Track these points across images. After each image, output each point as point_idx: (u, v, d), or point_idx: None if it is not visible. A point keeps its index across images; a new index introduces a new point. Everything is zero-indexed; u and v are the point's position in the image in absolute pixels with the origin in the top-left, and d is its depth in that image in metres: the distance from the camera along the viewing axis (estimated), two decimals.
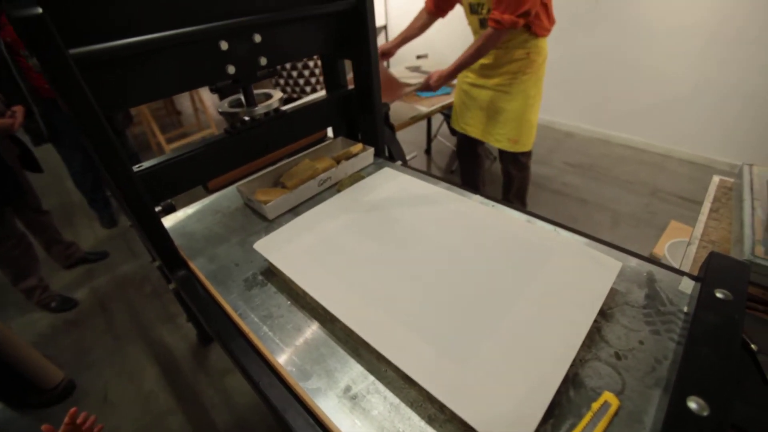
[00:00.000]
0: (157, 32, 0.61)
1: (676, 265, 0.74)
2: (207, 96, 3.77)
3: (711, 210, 1.06)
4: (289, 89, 2.68)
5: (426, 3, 1.57)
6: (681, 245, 1.73)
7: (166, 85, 0.69)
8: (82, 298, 2.02)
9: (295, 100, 2.58)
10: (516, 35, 1.42)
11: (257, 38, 0.74)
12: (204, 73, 0.72)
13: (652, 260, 0.67)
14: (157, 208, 0.93)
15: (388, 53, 1.67)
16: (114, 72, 0.62)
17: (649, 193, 2.45)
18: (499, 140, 1.68)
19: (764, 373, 0.53)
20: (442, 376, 0.45)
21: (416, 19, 1.65)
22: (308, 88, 2.68)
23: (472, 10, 1.39)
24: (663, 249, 1.84)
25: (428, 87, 1.57)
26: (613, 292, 0.61)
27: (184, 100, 4.01)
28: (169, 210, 0.95)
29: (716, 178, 1.19)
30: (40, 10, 0.48)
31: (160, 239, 0.74)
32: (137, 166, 0.74)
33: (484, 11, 1.35)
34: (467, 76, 1.67)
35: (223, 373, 1.55)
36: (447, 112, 2.29)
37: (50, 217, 2.01)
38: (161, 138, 3.34)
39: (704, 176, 2.55)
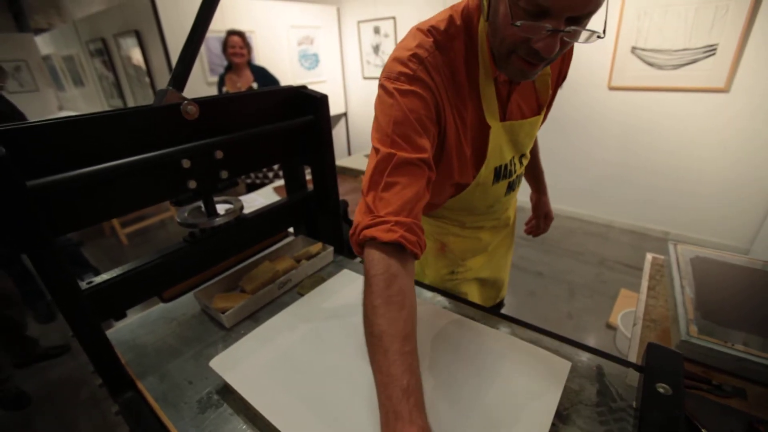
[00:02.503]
0: (122, 157, 0.64)
1: (629, 335, 0.78)
2: None
3: (649, 288, 1.15)
4: (252, 175, 2.75)
5: (411, 244, 0.57)
6: (631, 315, 1.82)
7: (125, 204, 0.70)
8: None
9: (258, 186, 2.64)
10: None
11: (219, 155, 0.79)
12: (165, 189, 0.74)
13: (601, 352, 0.71)
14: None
15: None
16: (71, 198, 0.63)
17: (598, 263, 2.62)
18: None
19: None
20: None
21: (399, 303, 0.53)
22: (271, 174, 2.76)
23: (498, 177, 0.84)
24: (617, 319, 1.93)
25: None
26: (567, 391, 0.63)
27: None
28: (119, 317, 0.91)
29: (649, 256, 1.31)
30: (3, 151, 0.51)
31: (105, 359, 0.70)
32: (87, 282, 0.72)
33: (517, 169, 0.88)
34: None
35: None
36: None
37: (20, 309, 1.89)
38: (115, 222, 3.23)
39: (642, 243, 2.78)
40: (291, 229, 1.22)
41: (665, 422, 0.53)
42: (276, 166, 2.75)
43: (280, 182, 2.63)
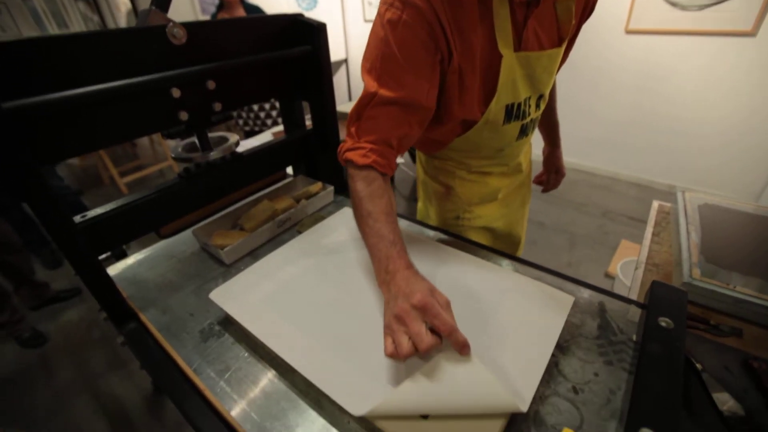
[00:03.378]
0: (104, 82, 0.60)
1: (628, 284, 0.79)
2: None
3: (653, 234, 1.14)
4: (251, 122, 2.67)
5: (381, 167, 0.66)
6: (632, 264, 1.83)
7: (112, 134, 0.67)
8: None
9: (256, 133, 2.57)
10: None
11: (211, 85, 0.74)
12: (155, 120, 0.70)
13: (603, 290, 0.71)
14: (105, 255, 0.88)
15: None
16: (54, 124, 0.59)
17: (601, 215, 2.60)
18: None
19: (709, 391, 0.56)
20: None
21: (379, 195, 0.65)
22: (269, 121, 2.68)
23: (510, 117, 0.78)
24: (616, 268, 1.95)
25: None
26: (568, 325, 0.63)
27: None
28: (120, 256, 0.90)
29: (655, 204, 1.28)
30: None
31: (105, 292, 0.70)
32: (81, 216, 0.70)
33: (532, 111, 0.81)
34: None
35: (182, 424, 1.45)
36: None
37: (23, 256, 1.90)
38: (114, 171, 3.20)
39: (648, 196, 2.75)
40: (290, 171, 1.19)
41: (667, 353, 0.53)
42: (274, 113, 2.66)
43: (279, 128, 2.55)
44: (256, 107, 2.62)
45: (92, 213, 0.71)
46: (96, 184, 3.44)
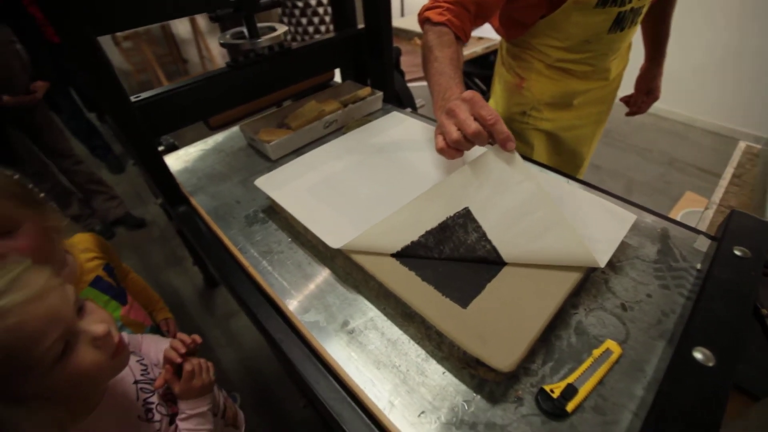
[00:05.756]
0: None
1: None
2: (214, 45, 3.64)
3: (733, 175, 1.02)
4: (297, 36, 2.57)
5: (454, 27, 0.68)
6: (695, 215, 1.68)
7: (162, 10, 0.65)
8: None
9: None
10: None
11: None
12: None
13: (668, 218, 0.65)
14: (160, 148, 0.91)
15: None
16: None
17: (666, 163, 2.37)
18: None
19: None
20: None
21: (447, 45, 0.68)
22: (317, 36, 2.56)
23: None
24: (677, 217, 1.80)
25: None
26: (624, 246, 0.59)
27: (190, 48, 3.88)
28: (172, 149, 0.93)
29: (742, 144, 1.13)
30: None
31: (161, 174, 0.72)
32: (135, 96, 0.71)
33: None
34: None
35: (229, 316, 1.59)
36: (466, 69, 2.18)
37: (86, 166, 1.94)
38: (166, 84, 3.26)
39: (727, 148, 2.45)
40: (338, 79, 1.14)
41: (737, 280, 0.48)
42: (323, 28, 2.52)
43: None
44: (304, 20, 2.50)
45: (145, 94, 0.72)
46: None
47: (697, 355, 0.40)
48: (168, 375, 0.56)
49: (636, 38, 0.92)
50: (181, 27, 3.81)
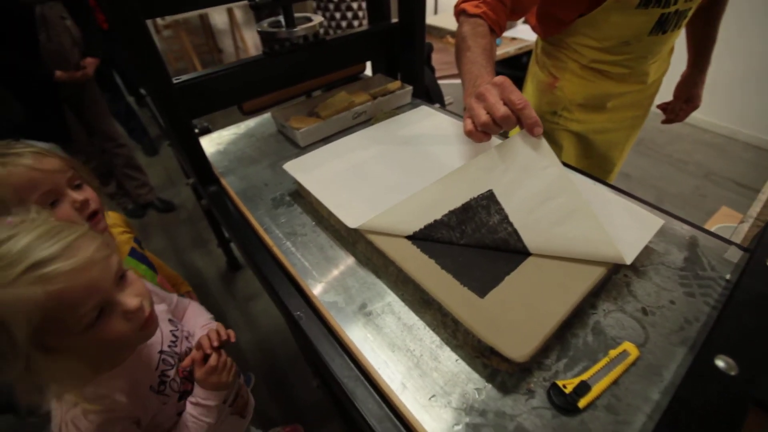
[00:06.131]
0: None
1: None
2: (248, 36, 3.72)
3: None
4: (330, 30, 2.60)
5: (489, 19, 0.68)
6: (728, 230, 1.61)
7: None
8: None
9: None
10: None
11: None
12: None
13: (699, 227, 0.63)
14: (195, 130, 0.95)
15: None
16: None
17: (702, 175, 2.28)
18: None
19: None
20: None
21: (481, 36, 0.69)
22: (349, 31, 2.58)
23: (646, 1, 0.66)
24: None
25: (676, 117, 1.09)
26: (649, 251, 0.58)
27: (225, 38, 3.98)
28: (205, 132, 0.97)
29: None
30: None
31: (195, 154, 0.76)
32: (176, 78, 0.74)
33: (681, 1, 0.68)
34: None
35: (249, 298, 1.64)
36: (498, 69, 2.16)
37: (128, 150, 2.01)
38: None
39: None
40: (369, 72, 1.15)
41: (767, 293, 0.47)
42: (356, 23, 2.55)
43: None
44: (338, 15, 2.53)
45: (184, 77, 0.75)
46: None
47: (719, 362, 0.40)
48: (196, 358, 0.59)
49: (679, 42, 0.89)
50: (218, 18, 3.92)
